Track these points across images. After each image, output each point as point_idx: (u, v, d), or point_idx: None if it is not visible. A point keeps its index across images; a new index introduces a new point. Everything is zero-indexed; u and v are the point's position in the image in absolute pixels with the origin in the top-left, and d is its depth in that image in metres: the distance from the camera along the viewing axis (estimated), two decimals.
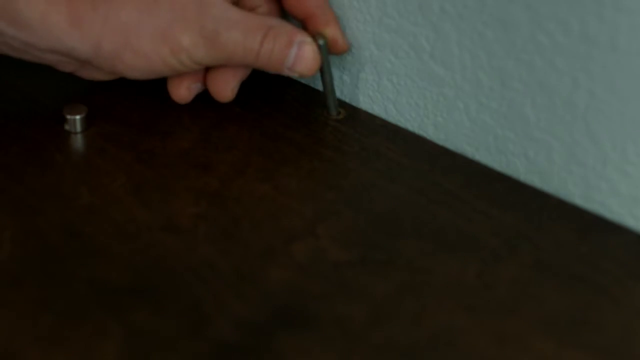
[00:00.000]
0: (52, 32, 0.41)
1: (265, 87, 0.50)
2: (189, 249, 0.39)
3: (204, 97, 0.48)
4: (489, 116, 0.43)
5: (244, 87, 0.49)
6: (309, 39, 0.44)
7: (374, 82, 0.47)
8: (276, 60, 0.44)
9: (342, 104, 0.49)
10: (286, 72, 0.45)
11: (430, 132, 0.46)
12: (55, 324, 0.35)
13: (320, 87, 0.50)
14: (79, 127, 0.45)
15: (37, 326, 0.35)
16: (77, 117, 0.45)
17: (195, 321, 0.35)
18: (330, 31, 0.45)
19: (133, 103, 0.48)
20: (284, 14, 0.47)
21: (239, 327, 0.35)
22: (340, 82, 0.49)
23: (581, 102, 0.39)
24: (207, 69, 0.46)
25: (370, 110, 0.48)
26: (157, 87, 0.49)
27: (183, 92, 0.46)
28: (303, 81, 0.50)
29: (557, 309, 0.36)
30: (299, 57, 0.44)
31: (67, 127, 0.45)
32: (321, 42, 0.45)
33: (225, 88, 0.46)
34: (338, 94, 0.49)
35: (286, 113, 0.47)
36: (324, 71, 0.46)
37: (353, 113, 0.48)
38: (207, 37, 0.42)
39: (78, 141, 0.45)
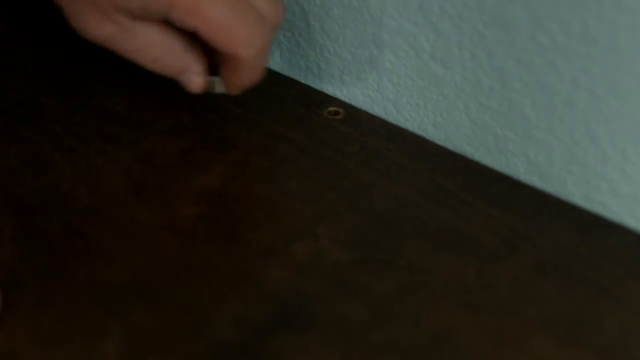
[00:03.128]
0: None
1: (265, 87, 0.50)
2: (189, 249, 0.39)
3: (205, 96, 0.48)
4: (489, 116, 0.43)
5: None
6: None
7: (374, 82, 0.47)
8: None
9: (342, 104, 0.49)
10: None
11: (430, 132, 0.46)
12: (55, 323, 0.35)
13: (319, 86, 0.50)
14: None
15: (37, 326, 0.35)
16: (216, 78, 0.45)
17: (195, 321, 0.35)
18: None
19: (133, 103, 0.48)
20: None
21: (238, 327, 0.35)
22: (341, 82, 0.49)
23: (581, 102, 0.39)
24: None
25: (370, 110, 0.48)
26: (157, 87, 0.49)
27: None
28: (303, 81, 0.50)
29: (557, 308, 0.36)
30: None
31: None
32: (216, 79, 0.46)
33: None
34: (338, 94, 0.49)
35: (286, 113, 0.47)
36: None
37: (353, 113, 0.48)
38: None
39: (78, 141, 0.45)
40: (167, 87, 0.48)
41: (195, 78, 0.44)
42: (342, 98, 0.49)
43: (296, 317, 0.36)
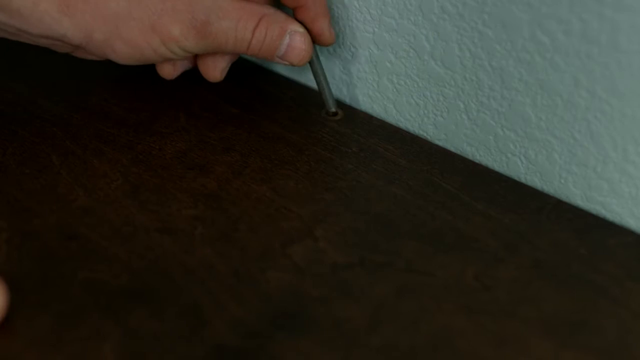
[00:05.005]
0: (43, 20, 0.41)
1: (263, 88, 0.50)
2: (186, 250, 0.38)
3: (202, 97, 0.48)
4: (489, 116, 0.43)
5: (242, 87, 0.49)
6: (301, 29, 0.44)
7: (374, 81, 0.47)
8: (267, 49, 0.44)
9: (340, 104, 0.48)
10: (277, 61, 0.45)
11: (430, 132, 0.46)
12: (53, 326, 0.35)
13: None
14: None
15: (34, 328, 0.35)
16: None
17: (192, 324, 0.35)
18: (317, 25, 0.45)
19: (130, 104, 0.47)
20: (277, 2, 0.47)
21: (237, 330, 0.35)
22: (340, 82, 0.49)
23: (582, 101, 0.39)
24: None
25: (370, 110, 0.48)
26: (154, 87, 0.49)
27: (167, 69, 0.46)
28: (301, 81, 0.50)
29: (556, 310, 0.36)
30: (291, 47, 0.44)
31: None
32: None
33: (215, 69, 0.46)
34: (338, 93, 0.49)
35: (284, 114, 0.47)
36: (313, 63, 0.46)
37: (351, 113, 0.48)
38: (197, 27, 0.42)
39: (74, 142, 0.45)
40: (164, 88, 0.48)
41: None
42: (342, 98, 0.49)
43: (294, 320, 0.35)
